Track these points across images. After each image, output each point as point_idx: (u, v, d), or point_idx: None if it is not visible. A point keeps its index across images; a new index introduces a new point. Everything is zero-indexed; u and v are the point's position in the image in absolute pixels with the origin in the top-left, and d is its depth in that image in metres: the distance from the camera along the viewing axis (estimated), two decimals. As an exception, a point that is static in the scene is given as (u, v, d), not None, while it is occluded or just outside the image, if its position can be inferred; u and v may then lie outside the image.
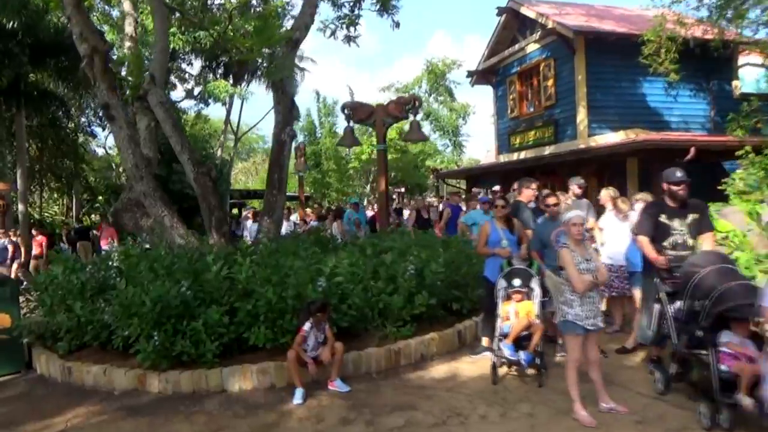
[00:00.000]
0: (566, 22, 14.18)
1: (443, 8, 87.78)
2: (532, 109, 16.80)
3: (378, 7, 11.35)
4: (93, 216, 29.56)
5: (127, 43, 11.80)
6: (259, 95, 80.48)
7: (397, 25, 11.87)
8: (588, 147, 13.48)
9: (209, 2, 14.90)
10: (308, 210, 18.96)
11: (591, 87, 14.29)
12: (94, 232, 20.29)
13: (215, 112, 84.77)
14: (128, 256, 6.37)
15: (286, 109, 8.68)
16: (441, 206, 13.17)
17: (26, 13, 16.61)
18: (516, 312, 5.35)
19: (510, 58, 17.35)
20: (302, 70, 29.20)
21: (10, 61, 16.29)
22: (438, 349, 6.11)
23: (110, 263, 6.48)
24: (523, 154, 16.97)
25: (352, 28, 11.62)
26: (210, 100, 30.00)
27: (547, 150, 15.58)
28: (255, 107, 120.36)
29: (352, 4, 11.20)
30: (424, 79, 27.83)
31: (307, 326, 5.21)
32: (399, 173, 39.08)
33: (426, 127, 29.67)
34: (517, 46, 16.76)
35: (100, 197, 29.10)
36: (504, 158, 18.00)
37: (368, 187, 39.39)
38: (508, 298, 5.50)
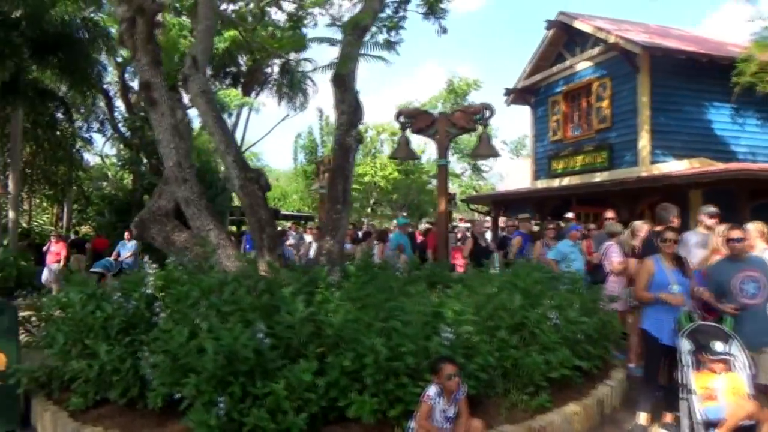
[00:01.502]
0: (632, 37, 12.96)
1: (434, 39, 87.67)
2: (578, 132, 15.51)
3: (425, 9, 10.12)
4: (83, 227, 27.75)
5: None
6: (267, 108, 78.67)
7: (444, 30, 10.64)
8: (661, 174, 12.11)
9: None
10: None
11: (655, 110, 13.02)
12: (88, 245, 18.60)
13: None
14: (170, 282, 4.78)
15: (350, 108, 7.24)
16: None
17: (31, 2, 15.15)
18: (725, 389, 3.85)
19: (555, 76, 16.12)
20: (313, 84, 27.84)
21: (11, 53, 14.71)
22: (581, 426, 4.59)
23: (144, 290, 4.89)
24: (566, 180, 15.64)
25: (393, 32, 10.40)
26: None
27: (598, 177, 14.24)
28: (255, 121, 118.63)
29: (396, 4, 9.91)
30: (443, 98, 26.59)
31: (432, 392, 3.68)
32: (401, 196, 37.80)
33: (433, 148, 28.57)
34: (567, 63, 15.53)
35: (91, 208, 27.38)
36: (542, 184, 16.64)
37: (369, 209, 38.06)
38: (698, 365, 4.02)
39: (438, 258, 9.27)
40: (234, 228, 31.61)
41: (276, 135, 72.68)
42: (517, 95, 17.55)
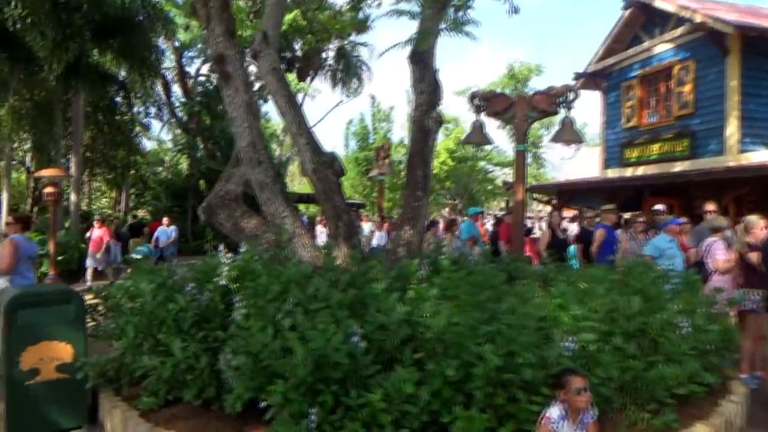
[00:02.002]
0: (721, 16, 11.89)
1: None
2: (656, 119, 14.49)
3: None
4: (140, 211, 28.23)
5: None
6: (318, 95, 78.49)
7: (516, 10, 9.87)
8: (754, 165, 11.09)
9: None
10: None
11: (746, 95, 11.95)
12: (146, 229, 18.70)
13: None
14: (246, 273, 4.37)
15: (430, 88, 6.69)
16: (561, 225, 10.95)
17: (94, -17, 15.19)
18: None
19: (630, 59, 15.09)
20: (368, 69, 27.29)
21: (73, 35, 14.75)
22: (711, 449, 3.96)
23: (217, 281, 4.50)
24: (640, 170, 14.67)
25: (461, 12, 9.72)
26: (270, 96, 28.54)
27: (678, 166, 13.25)
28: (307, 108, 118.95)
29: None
30: (503, 84, 25.63)
31: (555, 415, 3.15)
32: (453, 183, 36.94)
33: (502, 135, 27.45)
34: (644, 45, 14.48)
35: (148, 192, 27.79)
36: (613, 173, 15.69)
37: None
38: None
39: (513, 250, 8.64)
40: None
41: (325, 122, 72.65)
42: (587, 80, 16.57)
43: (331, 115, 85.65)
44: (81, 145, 18.75)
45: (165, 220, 15.47)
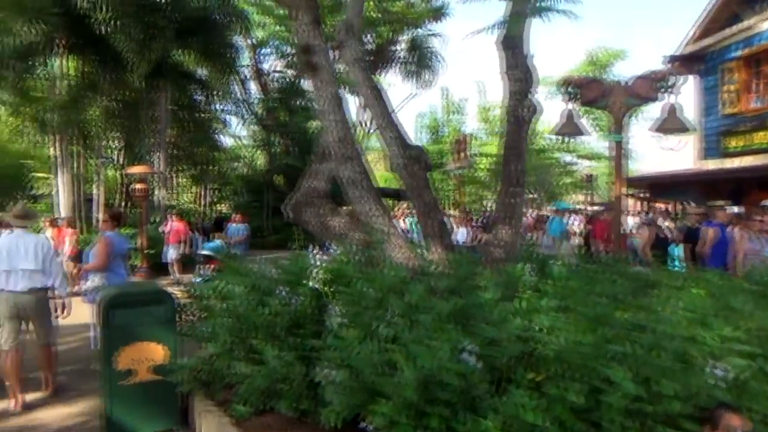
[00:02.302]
0: None
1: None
2: (762, 104, 13.23)
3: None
4: (220, 206, 29.07)
5: None
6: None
7: None
8: None
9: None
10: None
11: None
12: (227, 223, 19.13)
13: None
14: (340, 277, 4.14)
15: (522, 74, 6.20)
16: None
17: (176, -15, 15.59)
18: None
19: (730, 39, 13.86)
20: (442, 60, 26.70)
21: (157, 37, 15.21)
22: None
23: (308, 282, 4.29)
24: (745, 161, 13.46)
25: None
26: (344, 89, 28.61)
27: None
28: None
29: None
30: (582, 71, 24.35)
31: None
32: (530, 176, 35.66)
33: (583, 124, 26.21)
34: (747, 23, 13.23)
35: (228, 187, 28.54)
36: (713, 164, 14.50)
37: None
38: None
39: (609, 250, 8.05)
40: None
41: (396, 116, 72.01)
42: (680, 63, 15.37)
43: (402, 108, 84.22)
44: (166, 142, 19.43)
45: (237, 216, 15.36)
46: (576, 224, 13.28)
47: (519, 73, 6.24)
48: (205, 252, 12.23)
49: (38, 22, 13.99)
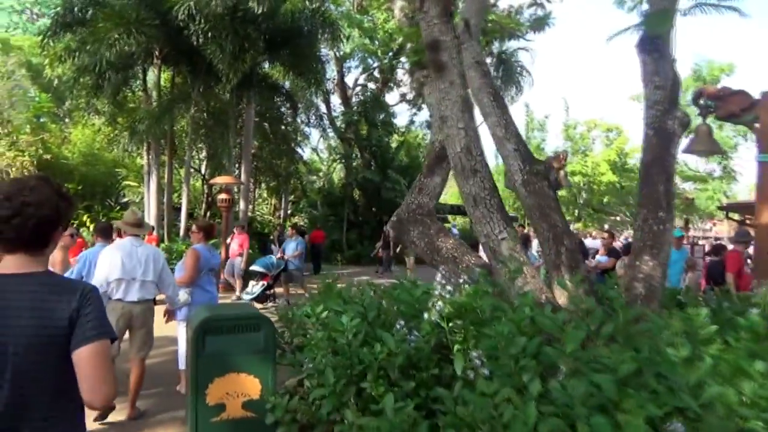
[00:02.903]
0: None
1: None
2: None
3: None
4: (295, 218, 29.17)
5: None
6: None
7: None
8: None
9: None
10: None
11: None
12: (307, 237, 18.88)
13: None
14: (469, 313, 3.44)
15: (667, 81, 5.34)
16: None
17: (269, -3, 15.55)
18: None
19: None
20: (528, 74, 25.64)
21: (249, 48, 15.22)
22: None
23: (429, 316, 3.62)
24: None
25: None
26: (424, 105, 28.15)
27: None
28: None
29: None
30: (686, 86, 22.62)
31: None
32: (613, 199, 33.75)
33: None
34: None
35: (305, 200, 28.60)
36: None
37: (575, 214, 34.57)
38: None
39: (746, 287, 6.94)
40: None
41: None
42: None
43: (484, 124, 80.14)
44: (250, 153, 19.54)
45: (290, 231, 14.11)
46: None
47: (662, 80, 5.37)
48: (256, 267, 11.73)
49: (138, 33, 14.27)
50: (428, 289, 4.21)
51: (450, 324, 3.54)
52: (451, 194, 44.85)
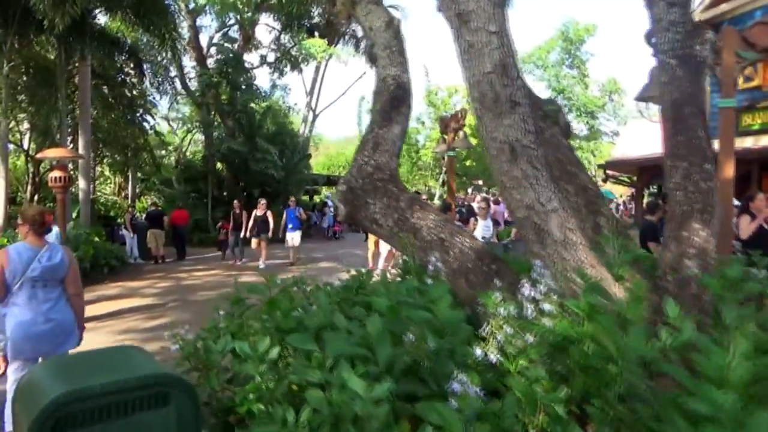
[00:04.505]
0: None
1: None
2: (786, 77, 12.00)
3: None
4: (145, 197, 25.60)
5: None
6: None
7: None
8: None
9: None
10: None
11: None
12: (167, 218, 16.16)
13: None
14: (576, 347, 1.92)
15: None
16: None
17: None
18: None
19: (749, 5, 12.56)
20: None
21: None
22: None
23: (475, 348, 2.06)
24: (760, 140, 12.25)
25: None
26: (286, 69, 25.87)
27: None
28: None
29: None
30: (551, 47, 22.92)
31: None
32: (473, 164, 34.20)
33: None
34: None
35: (157, 176, 25.13)
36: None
37: (440, 180, 34.53)
38: None
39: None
40: (306, 197, 28.96)
41: (324, 101, 66.77)
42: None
43: (330, 94, 76.15)
44: (89, 122, 16.14)
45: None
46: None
47: (671, -3, 4.20)
48: None
49: None
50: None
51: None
52: (317, 164, 42.96)
